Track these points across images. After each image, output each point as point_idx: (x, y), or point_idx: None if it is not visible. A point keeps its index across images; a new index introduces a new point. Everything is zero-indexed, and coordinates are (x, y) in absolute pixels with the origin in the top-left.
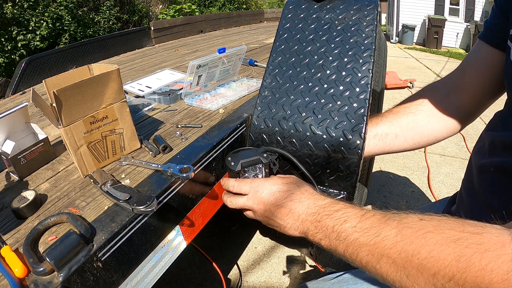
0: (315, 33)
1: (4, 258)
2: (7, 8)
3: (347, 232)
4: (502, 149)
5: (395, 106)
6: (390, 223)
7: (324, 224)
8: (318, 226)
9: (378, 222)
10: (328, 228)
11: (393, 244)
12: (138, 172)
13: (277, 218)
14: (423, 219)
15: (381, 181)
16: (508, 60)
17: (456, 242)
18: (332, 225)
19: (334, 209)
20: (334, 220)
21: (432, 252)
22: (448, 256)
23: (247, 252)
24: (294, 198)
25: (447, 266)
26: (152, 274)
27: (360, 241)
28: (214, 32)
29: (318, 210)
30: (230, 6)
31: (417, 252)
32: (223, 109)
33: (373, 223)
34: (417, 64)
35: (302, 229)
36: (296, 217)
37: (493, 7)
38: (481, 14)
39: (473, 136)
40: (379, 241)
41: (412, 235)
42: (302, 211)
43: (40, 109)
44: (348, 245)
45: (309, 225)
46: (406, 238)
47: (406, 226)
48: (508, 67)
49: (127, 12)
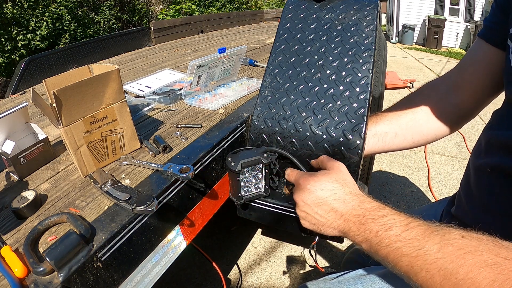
0: (315, 33)
1: (4, 258)
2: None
3: (391, 240)
4: (499, 148)
5: (394, 105)
6: (433, 237)
7: (368, 228)
8: (361, 229)
9: (422, 234)
10: (372, 232)
11: (434, 260)
12: (138, 172)
13: (317, 215)
14: (464, 236)
15: (381, 181)
16: (507, 59)
17: (492, 267)
18: (376, 230)
19: (380, 214)
20: (379, 225)
21: (469, 274)
22: (483, 280)
23: (247, 252)
24: (338, 198)
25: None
26: (152, 274)
27: (402, 251)
28: (214, 32)
29: (363, 213)
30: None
31: (456, 272)
32: (223, 109)
33: (417, 235)
34: (417, 64)
35: (343, 228)
36: (339, 216)
37: (492, 6)
38: (481, 14)
39: (473, 136)
40: (421, 255)
41: (453, 254)
42: (346, 211)
43: (40, 109)
44: (389, 252)
45: (352, 226)
46: (447, 256)
47: (448, 243)
48: (507, 65)
49: (127, 12)
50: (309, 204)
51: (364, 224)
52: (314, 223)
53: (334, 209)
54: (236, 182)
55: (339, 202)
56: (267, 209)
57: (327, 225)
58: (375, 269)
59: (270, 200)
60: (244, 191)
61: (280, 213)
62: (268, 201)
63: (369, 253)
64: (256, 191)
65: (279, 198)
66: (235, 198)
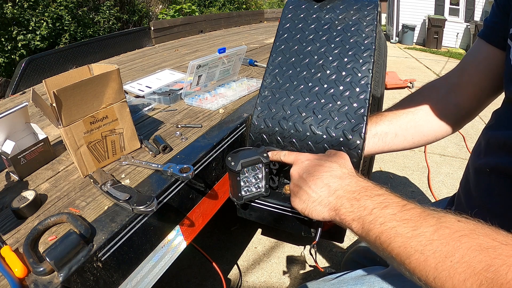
0: (315, 33)
1: (4, 258)
2: (7, 8)
3: (386, 218)
4: (498, 148)
5: (394, 105)
6: (429, 219)
7: (362, 204)
8: (355, 205)
9: (418, 215)
10: (366, 209)
11: (429, 242)
12: (138, 172)
13: (309, 189)
14: (460, 220)
15: (381, 181)
16: (508, 59)
17: (488, 250)
18: (371, 207)
19: (377, 192)
20: (374, 203)
21: (465, 257)
22: (478, 264)
23: (247, 252)
24: (335, 174)
25: (477, 273)
26: (152, 274)
27: (397, 230)
28: (214, 32)
29: (359, 190)
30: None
31: (451, 255)
32: (223, 109)
33: (413, 216)
34: (417, 64)
35: (334, 205)
36: (332, 191)
37: (493, 6)
38: (481, 14)
39: (473, 136)
40: (416, 235)
41: (448, 236)
42: (340, 187)
43: (40, 109)
44: (382, 231)
45: (345, 202)
46: (443, 238)
47: (444, 226)
48: (508, 65)
49: (127, 12)
50: (304, 178)
51: (358, 200)
52: (305, 200)
53: (328, 184)
54: (236, 182)
55: (335, 178)
56: (267, 209)
57: (317, 202)
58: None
59: (270, 200)
60: (244, 191)
61: (280, 213)
62: (268, 201)
63: (358, 233)
64: (256, 191)
65: (279, 198)
66: (235, 198)
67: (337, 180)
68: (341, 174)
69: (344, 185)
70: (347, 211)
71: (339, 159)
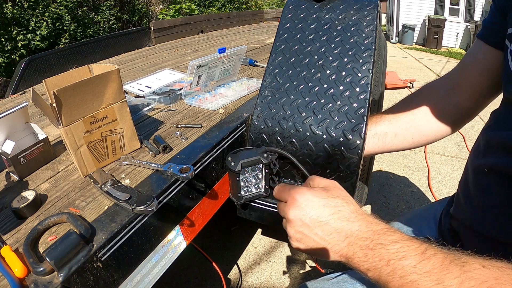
0: (315, 33)
1: (4, 258)
2: (7, 8)
3: (405, 271)
4: (497, 149)
5: (394, 105)
6: (452, 269)
7: (377, 254)
8: (369, 255)
9: (440, 266)
10: (382, 260)
11: None
12: (138, 172)
13: (316, 236)
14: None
15: (381, 181)
16: (506, 59)
17: None
18: (387, 258)
19: (391, 239)
20: (390, 252)
21: None
22: None
23: (247, 252)
24: (343, 215)
25: None
26: (152, 274)
27: (418, 284)
28: (214, 32)
29: (371, 236)
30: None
31: None
32: (223, 109)
33: (434, 266)
34: (417, 64)
35: (346, 253)
36: (343, 238)
37: (491, 7)
38: (481, 14)
39: (473, 136)
40: None
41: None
42: (351, 232)
43: (40, 109)
44: (403, 284)
45: (357, 250)
46: None
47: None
48: (505, 66)
49: (127, 12)
50: (308, 224)
51: (372, 250)
52: (312, 247)
53: (338, 229)
54: (236, 182)
55: (343, 222)
56: (267, 209)
57: (327, 249)
58: None
59: (270, 200)
60: (244, 191)
61: None
62: (268, 201)
63: (375, 282)
64: (256, 191)
65: None
66: (235, 198)
67: (346, 224)
68: (349, 215)
69: (354, 230)
70: (361, 260)
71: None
